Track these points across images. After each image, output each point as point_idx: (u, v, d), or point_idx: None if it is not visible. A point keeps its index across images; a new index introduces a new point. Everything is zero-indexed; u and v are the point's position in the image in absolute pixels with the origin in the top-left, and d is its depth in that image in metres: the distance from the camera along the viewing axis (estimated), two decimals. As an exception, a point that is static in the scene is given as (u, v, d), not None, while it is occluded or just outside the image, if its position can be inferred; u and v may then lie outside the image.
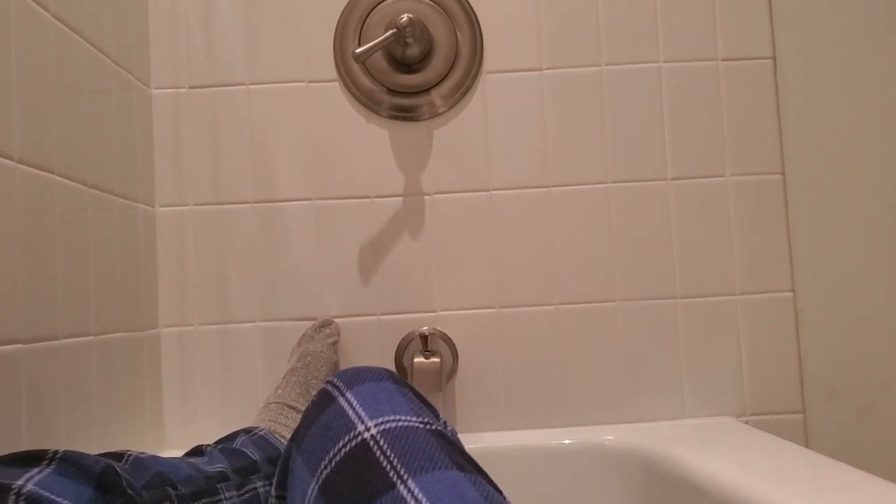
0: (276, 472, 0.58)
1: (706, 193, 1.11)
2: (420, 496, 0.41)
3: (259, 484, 0.73)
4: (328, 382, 0.55)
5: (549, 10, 1.12)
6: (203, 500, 0.63)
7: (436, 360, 1.00)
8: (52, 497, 0.47)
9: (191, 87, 1.11)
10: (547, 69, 1.11)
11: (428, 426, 0.48)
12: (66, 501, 0.47)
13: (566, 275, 1.10)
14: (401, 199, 1.11)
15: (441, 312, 1.09)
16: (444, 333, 1.08)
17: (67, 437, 0.80)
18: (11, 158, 0.71)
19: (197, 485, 0.64)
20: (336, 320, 1.08)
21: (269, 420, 0.95)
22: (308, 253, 1.10)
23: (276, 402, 0.97)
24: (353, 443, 0.46)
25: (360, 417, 0.48)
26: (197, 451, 0.76)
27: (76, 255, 0.84)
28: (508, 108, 1.11)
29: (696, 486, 0.79)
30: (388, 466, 0.44)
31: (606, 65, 1.11)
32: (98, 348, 0.88)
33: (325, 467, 0.46)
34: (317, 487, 0.46)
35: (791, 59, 1.12)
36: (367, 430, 0.47)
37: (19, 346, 0.71)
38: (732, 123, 1.12)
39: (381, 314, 1.09)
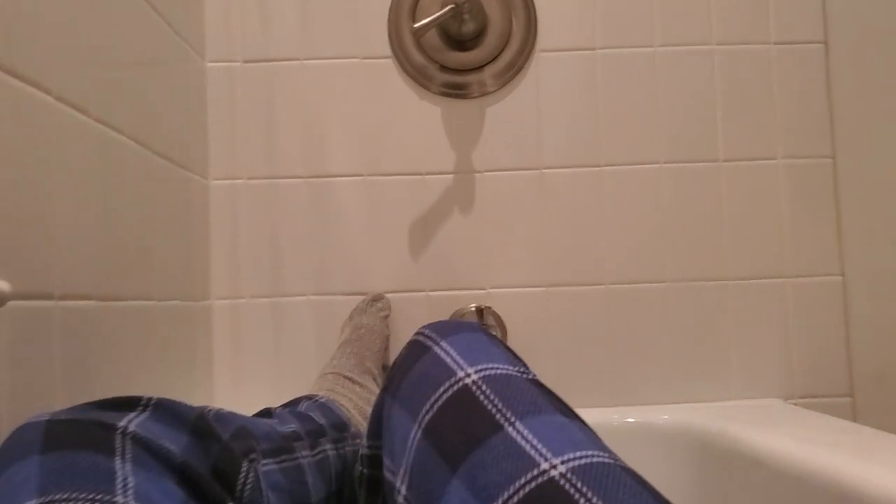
0: (368, 424, 0.58)
1: (757, 176, 1.11)
2: (530, 437, 0.42)
3: (328, 447, 0.73)
4: (419, 334, 0.55)
5: (604, -9, 1.12)
6: (282, 457, 0.64)
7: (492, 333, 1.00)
8: (154, 439, 0.48)
9: (245, 62, 1.11)
10: (600, 49, 1.12)
11: (525, 375, 0.48)
12: (167, 443, 0.48)
13: (616, 255, 1.10)
14: (451, 176, 1.11)
15: (490, 290, 1.10)
16: (493, 311, 1.08)
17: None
18: (88, 115, 0.72)
19: (275, 441, 0.65)
20: (387, 296, 1.09)
21: (327, 389, 0.95)
22: (359, 228, 1.10)
23: (332, 373, 0.98)
24: (455, 387, 0.46)
25: (458, 364, 0.48)
26: (266, 413, 0.77)
27: (142, 221, 0.85)
28: (561, 86, 1.12)
29: (755, 459, 0.80)
30: (494, 409, 0.44)
31: (659, 46, 1.12)
32: (159, 314, 0.89)
33: (427, 412, 0.46)
34: (420, 431, 0.46)
35: (843, 44, 1.12)
36: (468, 375, 0.47)
37: (94, 302, 0.71)
38: (784, 107, 1.12)
39: (431, 290, 1.10)
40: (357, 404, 0.90)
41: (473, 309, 1.07)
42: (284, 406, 0.82)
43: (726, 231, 1.10)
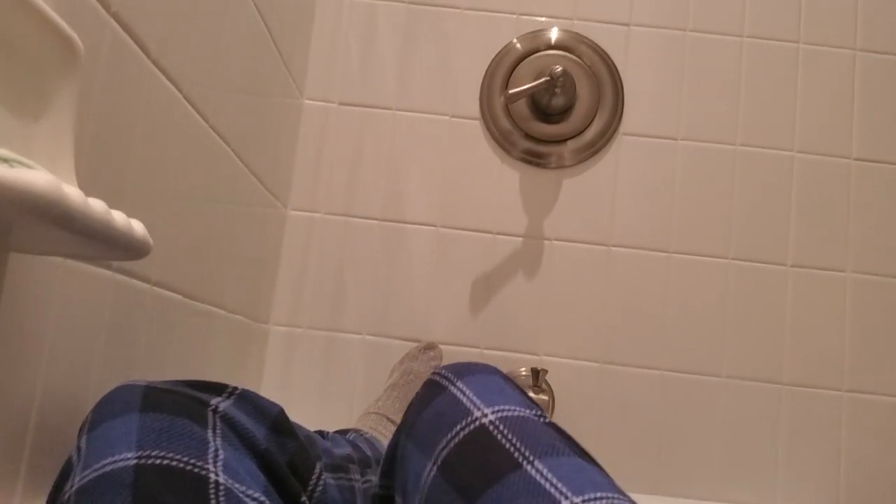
0: (381, 464, 0.57)
1: (824, 285, 1.11)
2: (549, 476, 0.41)
3: (373, 478, 0.73)
4: (435, 374, 0.54)
5: (693, 86, 1.16)
6: (339, 474, 0.64)
7: (544, 397, 1.00)
8: (241, 422, 0.49)
9: (341, 104, 1.16)
10: (682, 139, 1.15)
11: (542, 419, 0.48)
12: (250, 430, 0.49)
13: (674, 342, 1.10)
14: (521, 239, 1.13)
15: (544, 357, 1.10)
16: (545, 377, 1.08)
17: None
18: (206, 120, 0.76)
19: (333, 459, 0.65)
20: (440, 346, 1.09)
21: (370, 427, 0.95)
22: (424, 276, 1.12)
23: (375, 413, 0.98)
24: (472, 426, 0.46)
25: (475, 404, 0.47)
26: (320, 434, 0.77)
27: (228, 232, 0.87)
28: (639, 170, 1.14)
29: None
30: (512, 448, 0.43)
31: (741, 145, 1.14)
32: (224, 324, 0.90)
33: (443, 449, 0.46)
34: (435, 468, 0.45)
35: (922, 170, 1.14)
36: (485, 416, 0.46)
37: (179, 296, 0.73)
38: (858, 222, 1.13)
39: (485, 348, 1.10)
40: (396, 447, 0.90)
41: (524, 372, 1.07)
42: (335, 432, 0.82)
43: (787, 335, 1.10)
